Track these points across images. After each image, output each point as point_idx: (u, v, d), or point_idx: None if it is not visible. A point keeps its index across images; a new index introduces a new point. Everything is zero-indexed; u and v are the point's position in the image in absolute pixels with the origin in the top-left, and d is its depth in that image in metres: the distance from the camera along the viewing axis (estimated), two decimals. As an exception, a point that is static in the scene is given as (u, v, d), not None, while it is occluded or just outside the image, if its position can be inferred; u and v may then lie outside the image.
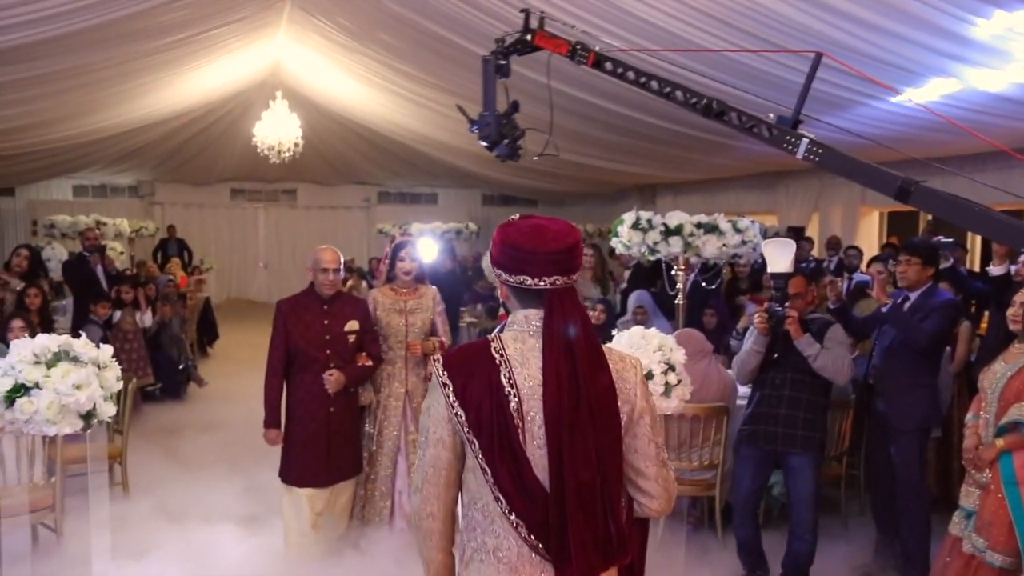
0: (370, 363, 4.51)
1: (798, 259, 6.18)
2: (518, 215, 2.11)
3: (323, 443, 4.34)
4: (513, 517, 1.94)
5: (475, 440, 1.95)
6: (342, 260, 4.48)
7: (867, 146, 5.54)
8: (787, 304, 4.28)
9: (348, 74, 10.93)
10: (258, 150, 12.07)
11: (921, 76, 5.62)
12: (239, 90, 12.51)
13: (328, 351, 4.36)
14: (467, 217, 17.89)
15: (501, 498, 1.94)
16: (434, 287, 4.92)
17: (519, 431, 1.94)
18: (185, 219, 17.66)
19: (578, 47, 3.87)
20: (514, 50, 4.04)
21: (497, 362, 1.97)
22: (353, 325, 4.44)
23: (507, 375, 1.96)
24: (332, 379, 4.31)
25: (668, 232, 5.82)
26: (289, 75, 12.00)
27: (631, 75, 3.77)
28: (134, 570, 4.18)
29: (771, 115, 3.57)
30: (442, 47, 8.03)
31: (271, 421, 4.38)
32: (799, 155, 3.44)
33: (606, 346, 2.09)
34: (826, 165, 3.51)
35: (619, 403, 2.00)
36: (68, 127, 11.10)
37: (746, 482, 4.48)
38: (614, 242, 6.09)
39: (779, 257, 4.25)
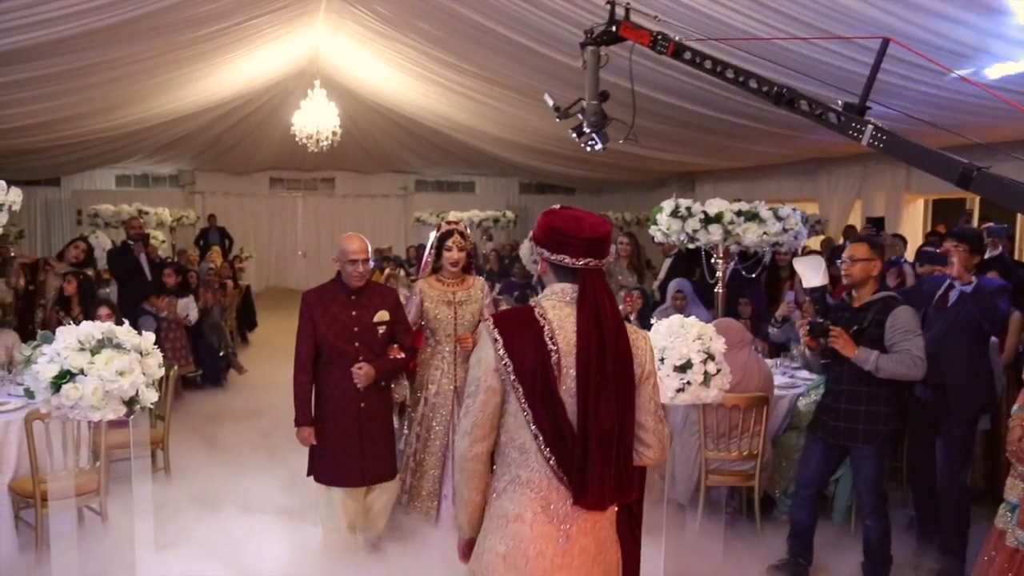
0: (402, 356, 4.26)
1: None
2: (559, 205, 2.50)
3: (355, 441, 4.14)
4: (547, 452, 2.32)
5: (519, 387, 2.32)
6: (370, 249, 4.23)
7: (913, 131, 5.43)
8: (848, 301, 4.14)
9: (386, 62, 10.95)
10: (296, 139, 12.15)
11: (967, 58, 5.49)
12: (278, 79, 12.61)
13: (357, 344, 4.14)
14: (504, 205, 17.88)
15: (539, 435, 2.31)
16: (481, 277, 4.72)
17: (556, 381, 2.32)
18: (225, 208, 17.88)
19: (659, 37, 4.00)
20: (601, 40, 4.20)
21: (540, 324, 2.36)
22: (383, 316, 4.19)
23: (550, 335, 2.34)
24: (361, 373, 4.09)
25: (708, 220, 5.74)
26: (327, 64, 12.05)
27: (708, 64, 3.87)
28: (175, 557, 4.22)
29: (839, 101, 3.57)
30: (481, 35, 8.01)
31: (303, 419, 4.16)
32: (864, 142, 3.45)
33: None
34: (889, 151, 3.48)
35: (634, 365, 2.40)
36: (111, 118, 11.28)
37: (811, 467, 4.38)
38: (652, 230, 6.03)
39: (811, 273, 4.23)
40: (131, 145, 14.57)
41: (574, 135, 4.45)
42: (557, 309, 2.39)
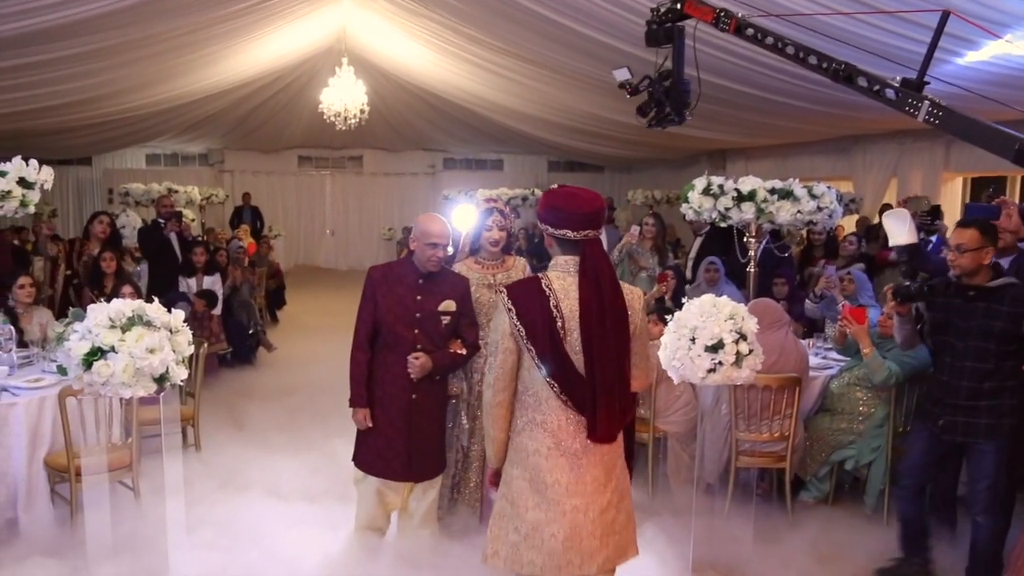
0: (463, 352, 3.98)
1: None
2: (556, 185, 2.93)
3: (402, 432, 3.89)
4: (564, 397, 2.80)
5: (532, 348, 2.78)
6: (450, 233, 3.91)
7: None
8: (954, 284, 3.86)
9: (414, 39, 10.89)
10: (324, 117, 12.14)
11: (1007, 28, 5.35)
12: (306, 57, 12.59)
13: (417, 331, 3.85)
14: (533, 183, 17.77)
15: (554, 384, 2.79)
16: (523, 258, 4.43)
17: (563, 341, 2.78)
18: (254, 186, 17.94)
19: (722, 14, 4.04)
20: (667, 18, 4.26)
21: (547, 294, 2.80)
22: (449, 305, 3.90)
23: (555, 303, 2.79)
24: (417, 363, 3.81)
25: (740, 198, 5.65)
26: (355, 41, 12.00)
27: (769, 40, 3.89)
28: (204, 536, 4.23)
29: (897, 77, 3.52)
30: (510, 10, 7.92)
31: (358, 401, 3.90)
32: (920, 118, 3.40)
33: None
34: (945, 127, 3.41)
35: (629, 321, 2.86)
36: (141, 96, 11.34)
37: (915, 457, 4.15)
38: (684, 208, 5.95)
39: (898, 229, 3.93)
40: (161, 124, 14.65)
41: (639, 115, 4.43)
42: (561, 279, 2.82)
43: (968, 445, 3.93)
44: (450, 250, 3.96)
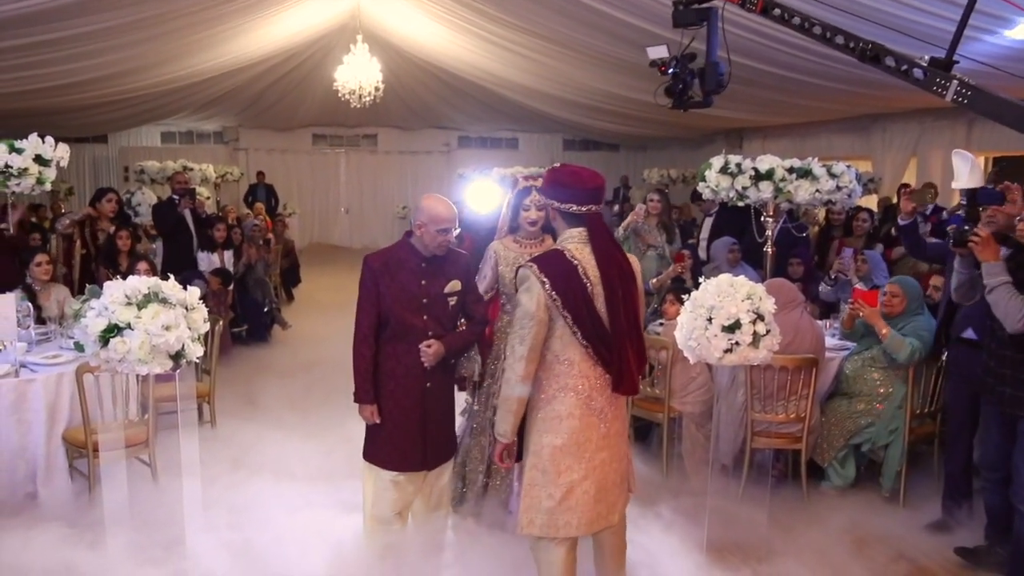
0: (469, 328, 3.85)
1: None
2: (559, 163, 3.04)
3: (417, 423, 3.69)
4: (596, 357, 3.04)
5: (568, 315, 2.99)
6: (456, 214, 3.72)
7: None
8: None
9: (429, 16, 10.81)
10: (339, 95, 12.11)
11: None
12: (320, 34, 12.54)
13: (426, 316, 3.64)
14: (548, 162, 17.65)
15: (588, 345, 3.03)
16: None
17: (594, 304, 3.02)
18: (268, 164, 17.98)
19: None
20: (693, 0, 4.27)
21: (574, 263, 3.02)
22: (455, 286, 3.72)
23: (583, 271, 3.02)
24: (431, 352, 3.61)
25: (758, 177, 5.59)
26: (370, 18, 11.93)
27: (796, 20, 3.89)
28: (218, 514, 4.22)
29: (925, 57, 3.48)
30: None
31: (364, 396, 3.66)
32: (948, 97, 3.36)
33: None
34: (973, 106, 3.38)
35: (635, 282, 3.18)
36: (156, 74, 11.33)
37: (991, 448, 3.99)
38: (701, 186, 5.90)
39: (963, 169, 3.81)
40: (176, 102, 14.66)
41: (664, 93, 4.43)
42: (579, 249, 3.05)
43: (1018, 420, 3.78)
44: (457, 231, 3.83)
